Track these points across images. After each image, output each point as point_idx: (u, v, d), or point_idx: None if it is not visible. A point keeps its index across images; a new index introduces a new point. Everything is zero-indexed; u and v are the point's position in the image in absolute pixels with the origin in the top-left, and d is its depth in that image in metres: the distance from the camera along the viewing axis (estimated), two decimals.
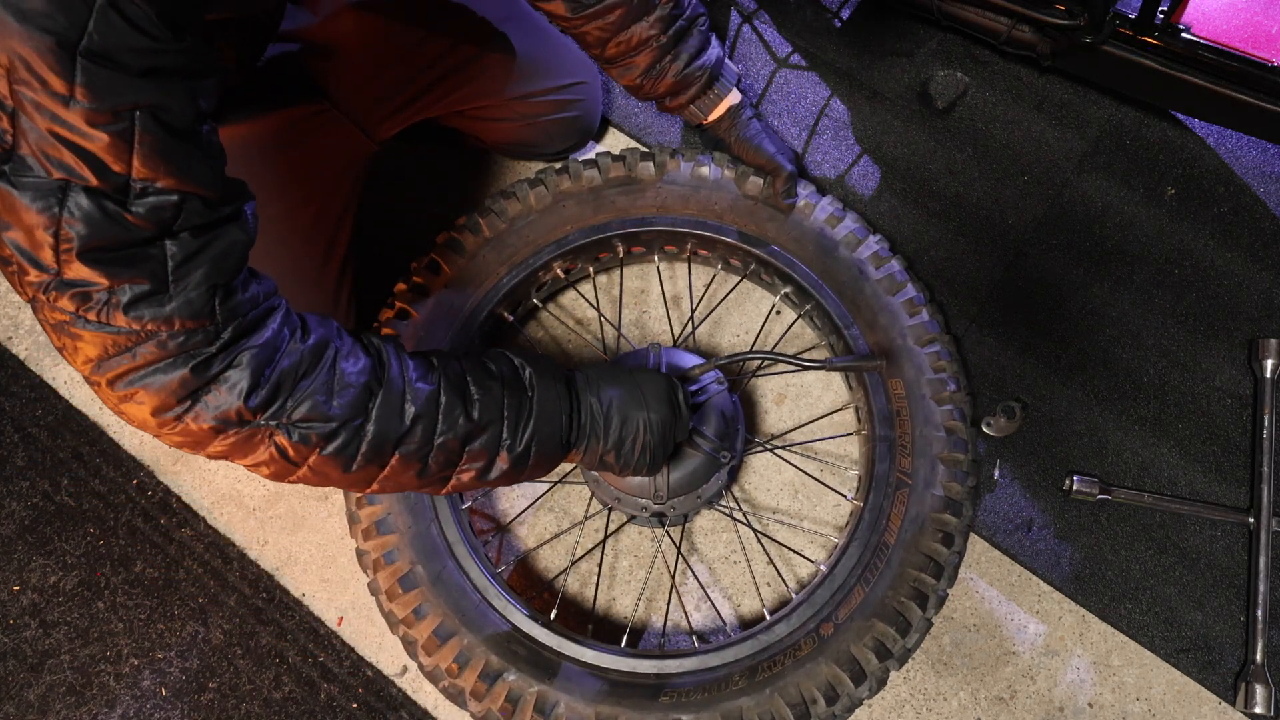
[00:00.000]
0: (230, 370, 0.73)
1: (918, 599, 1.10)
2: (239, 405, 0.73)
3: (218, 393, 0.73)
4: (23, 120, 0.59)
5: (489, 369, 0.90)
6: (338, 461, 0.80)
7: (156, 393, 0.70)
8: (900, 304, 1.22)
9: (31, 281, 0.65)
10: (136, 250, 0.65)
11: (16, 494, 1.34)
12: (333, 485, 0.84)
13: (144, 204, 0.64)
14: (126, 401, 0.71)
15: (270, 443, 0.77)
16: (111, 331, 0.67)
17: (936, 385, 1.19)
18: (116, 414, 0.74)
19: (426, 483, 0.87)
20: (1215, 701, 1.19)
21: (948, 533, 1.13)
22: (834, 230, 1.25)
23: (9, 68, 0.57)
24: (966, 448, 1.17)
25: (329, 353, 0.80)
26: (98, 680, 1.26)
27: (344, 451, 0.80)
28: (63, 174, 0.61)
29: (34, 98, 0.58)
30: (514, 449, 0.89)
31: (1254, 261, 1.35)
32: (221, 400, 0.73)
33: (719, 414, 1.12)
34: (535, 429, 0.90)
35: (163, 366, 0.70)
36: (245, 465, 0.79)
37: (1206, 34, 1.24)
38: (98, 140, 0.60)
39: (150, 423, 0.73)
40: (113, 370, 0.69)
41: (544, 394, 0.91)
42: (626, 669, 1.09)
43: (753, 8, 1.52)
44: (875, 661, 1.08)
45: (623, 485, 1.15)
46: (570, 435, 0.94)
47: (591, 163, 1.28)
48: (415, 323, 1.21)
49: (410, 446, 0.83)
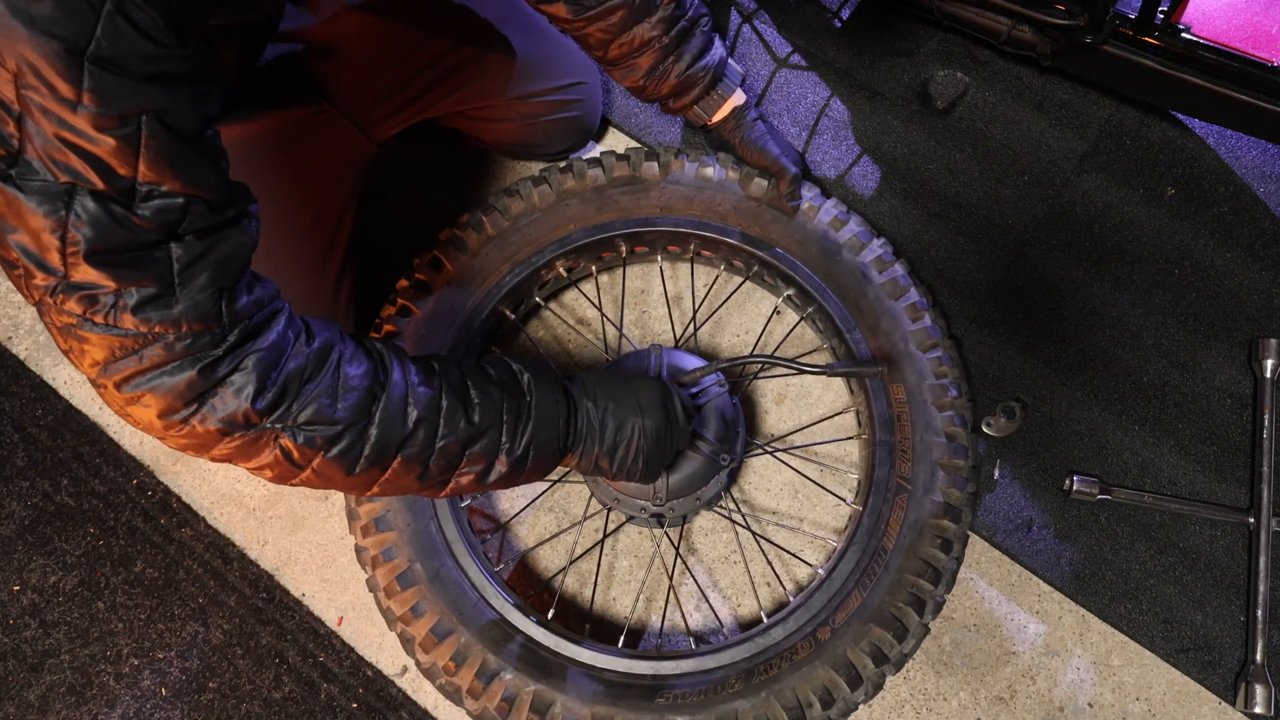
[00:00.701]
0: (236, 373, 0.73)
1: (915, 605, 1.10)
2: (246, 408, 0.74)
3: (224, 395, 0.73)
4: (29, 124, 0.59)
5: (488, 374, 0.91)
6: (341, 464, 0.81)
7: (164, 395, 0.71)
8: (903, 309, 1.22)
9: (38, 285, 0.65)
10: (142, 253, 0.66)
11: (16, 494, 1.34)
12: (335, 488, 0.85)
13: (149, 207, 0.64)
14: (133, 404, 0.72)
15: (275, 445, 0.77)
16: (119, 334, 0.68)
17: (938, 391, 1.18)
18: (122, 417, 0.74)
19: (427, 485, 0.88)
20: (1215, 701, 1.19)
21: (946, 539, 1.13)
22: (838, 234, 1.25)
23: (16, 73, 0.57)
24: (967, 454, 1.17)
25: (333, 356, 0.80)
26: (98, 680, 1.26)
27: (348, 454, 0.80)
28: (69, 178, 0.61)
29: (41, 102, 0.58)
30: (513, 452, 0.89)
31: (1254, 261, 1.35)
32: (228, 403, 0.73)
33: (719, 416, 1.12)
34: (533, 433, 0.90)
35: (170, 369, 0.70)
36: (249, 468, 0.80)
37: (1206, 34, 1.24)
38: (104, 144, 0.61)
39: (156, 425, 0.73)
40: (120, 373, 0.70)
41: (541, 399, 0.92)
42: (623, 670, 1.09)
43: (753, 8, 1.52)
44: (872, 666, 1.08)
45: (622, 486, 1.15)
46: (567, 440, 0.94)
47: (596, 162, 1.28)
48: (417, 320, 1.21)
49: (412, 449, 0.84)
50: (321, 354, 0.79)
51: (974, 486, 1.18)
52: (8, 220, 0.63)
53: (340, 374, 0.80)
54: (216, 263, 0.70)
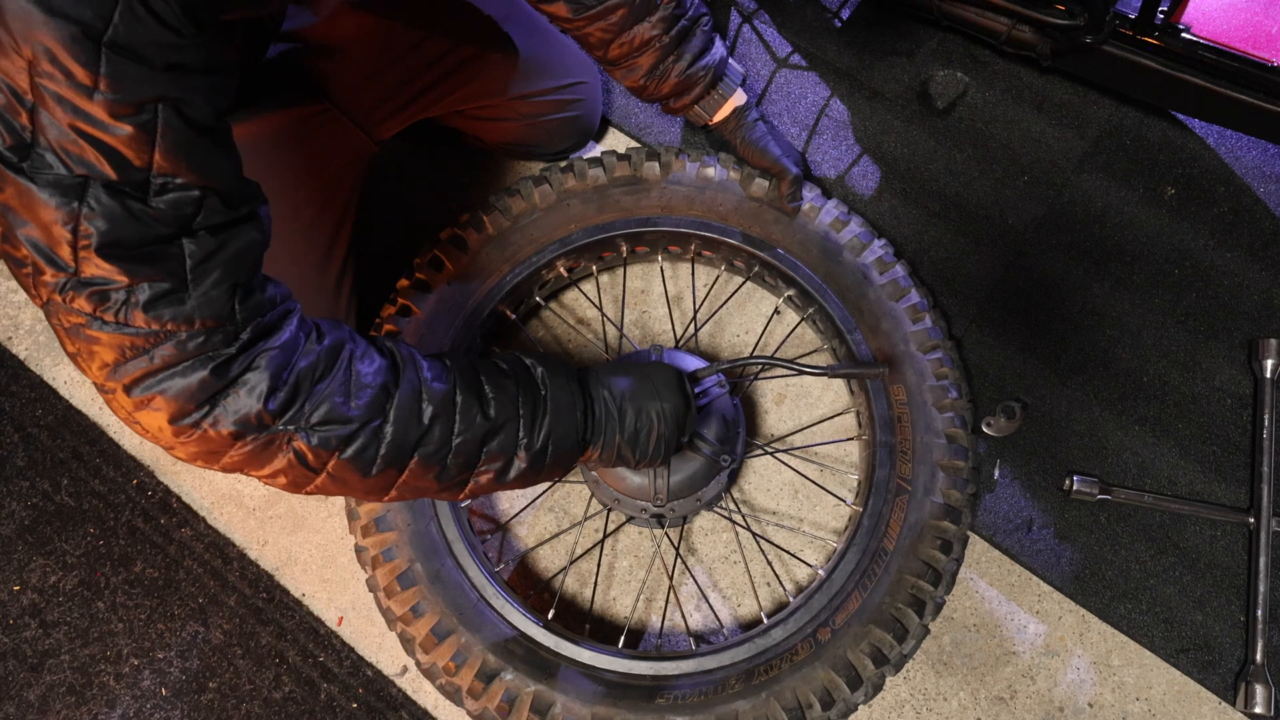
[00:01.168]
0: (249, 373, 0.71)
1: (915, 606, 1.10)
2: (259, 408, 0.72)
3: (236, 396, 0.71)
4: (43, 115, 0.59)
5: (501, 368, 0.89)
6: (357, 465, 0.79)
7: (174, 398, 0.69)
8: (904, 310, 1.22)
9: (47, 282, 0.64)
10: (155, 248, 0.65)
11: (16, 494, 1.34)
12: (351, 494, 0.83)
13: (165, 200, 0.64)
14: (142, 409, 0.70)
15: (288, 449, 0.75)
16: (130, 333, 0.66)
17: (938, 392, 1.18)
18: (130, 425, 0.72)
19: (446, 486, 0.86)
20: (1215, 701, 1.19)
21: (946, 540, 1.13)
22: (839, 235, 1.25)
23: (31, 60, 0.57)
24: (967, 455, 1.17)
25: (344, 354, 0.79)
26: (98, 680, 1.26)
27: (363, 454, 0.78)
28: (83, 170, 0.60)
29: (56, 90, 0.58)
30: (531, 447, 0.88)
31: (1254, 261, 1.35)
32: (240, 404, 0.71)
33: (720, 417, 1.12)
34: (551, 426, 0.89)
35: (181, 370, 0.69)
36: (262, 476, 0.77)
37: (1206, 34, 1.24)
38: (120, 133, 0.60)
39: (166, 431, 0.71)
40: (129, 374, 0.68)
41: (557, 391, 0.90)
42: (623, 670, 1.09)
43: (753, 8, 1.52)
44: (871, 668, 1.08)
45: (622, 487, 1.15)
46: (586, 432, 0.93)
47: (596, 161, 1.28)
48: (417, 319, 1.21)
49: (429, 447, 0.82)
50: (332, 352, 0.78)
51: (974, 487, 1.18)
52: (19, 214, 0.62)
53: (352, 371, 0.78)
54: (230, 259, 0.69)
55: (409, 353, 0.85)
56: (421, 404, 0.81)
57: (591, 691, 1.07)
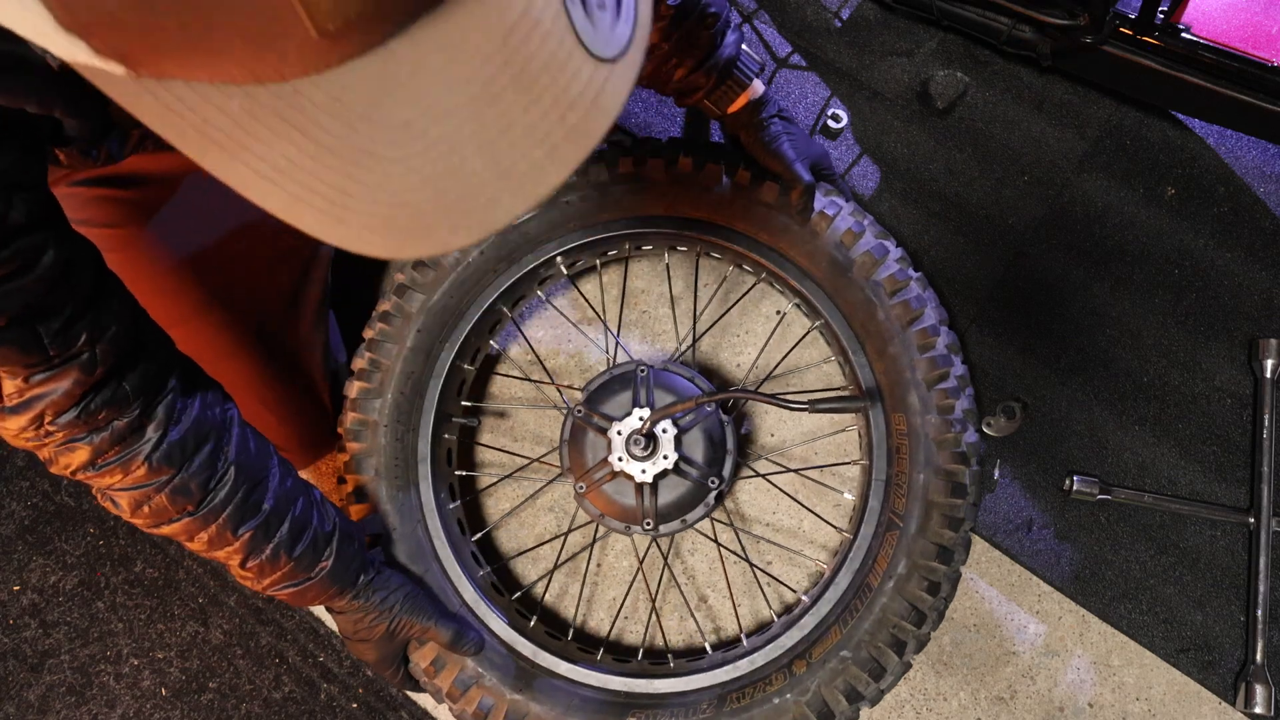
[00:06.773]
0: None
1: (895, 646, 1.06)
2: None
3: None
4: None
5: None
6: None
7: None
8: (913, 335, 1.15)
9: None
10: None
11: (16, 494, 1.34)
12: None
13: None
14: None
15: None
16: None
17: (940, 426, 1.12)
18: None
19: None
20: (1215, 701, 1.19)
21: (934, 581, 1.08)
22: (850, 249, 1.17)
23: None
24: (965, 493, 1.11)
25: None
26: (98, 680, 1.26)
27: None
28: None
29: None
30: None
31: (1254, 261, 1.35)
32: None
33: (707, 438, 1.12)
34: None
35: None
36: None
37: (1206, 34, 1.24)
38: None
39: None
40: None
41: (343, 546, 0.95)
42: (597, 684, 1.09)
43: (753, 7, 1.51)
44: (845, 704, 1.05)
45: (609, 511, 1.16)
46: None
47: (598, 158, 1.23)
48: (412, 317, 1.20)
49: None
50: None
51: (970, 526, 1.13)
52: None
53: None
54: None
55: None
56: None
57: (565, 704, 1.07)
